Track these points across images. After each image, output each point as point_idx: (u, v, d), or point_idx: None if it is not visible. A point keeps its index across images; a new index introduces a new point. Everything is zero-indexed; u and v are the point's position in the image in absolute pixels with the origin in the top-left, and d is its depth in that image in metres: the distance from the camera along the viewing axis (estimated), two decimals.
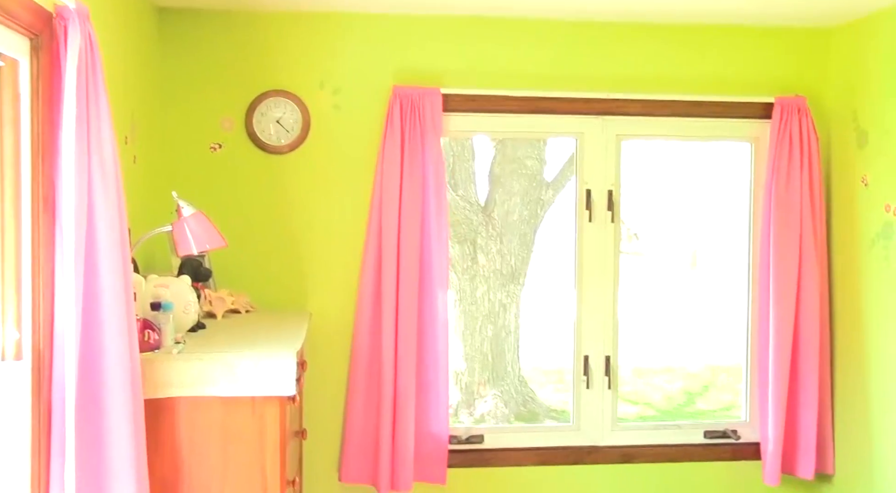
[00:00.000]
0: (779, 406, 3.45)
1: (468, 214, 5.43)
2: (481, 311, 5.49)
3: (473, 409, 5.40)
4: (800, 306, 3.48)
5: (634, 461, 3.58)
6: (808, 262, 3.47)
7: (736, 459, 3.63)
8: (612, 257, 3.60)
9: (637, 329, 6.39)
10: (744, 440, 3.66)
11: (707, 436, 3.67)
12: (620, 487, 3.57)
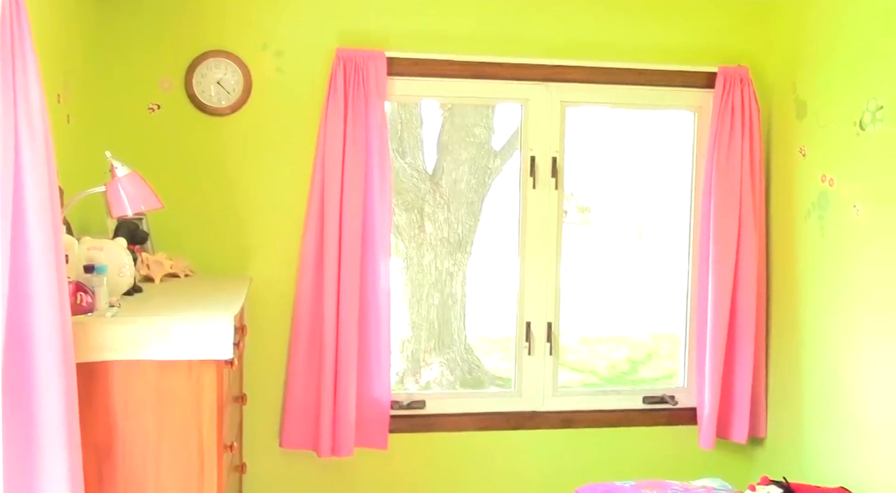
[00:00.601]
0: (715, 373, 3.52)
1: (416, 182, 5.41)
2: (428, 279, 5.49)
3: (419, 376, 5.42)
4: (738, 275, 3.55)
5: (574, 426, 3.64)
6: (746, 231, 3.54)
7: (673, 423, 3.71)
8: (556, 224, 3.63)
9: (584, 299, 6.45)
10: (681, 405, 3.75)
11: (646, 401, 3.74)
12: (560, 451, 3.63)
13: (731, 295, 3.54)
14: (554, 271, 3.64)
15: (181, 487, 2.31)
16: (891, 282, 2.93)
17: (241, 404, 3.17)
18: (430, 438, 3.54)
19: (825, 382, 3.28)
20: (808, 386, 3.38)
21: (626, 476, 3.29)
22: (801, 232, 3.44)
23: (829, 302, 3.27)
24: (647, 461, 3.64)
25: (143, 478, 2.29)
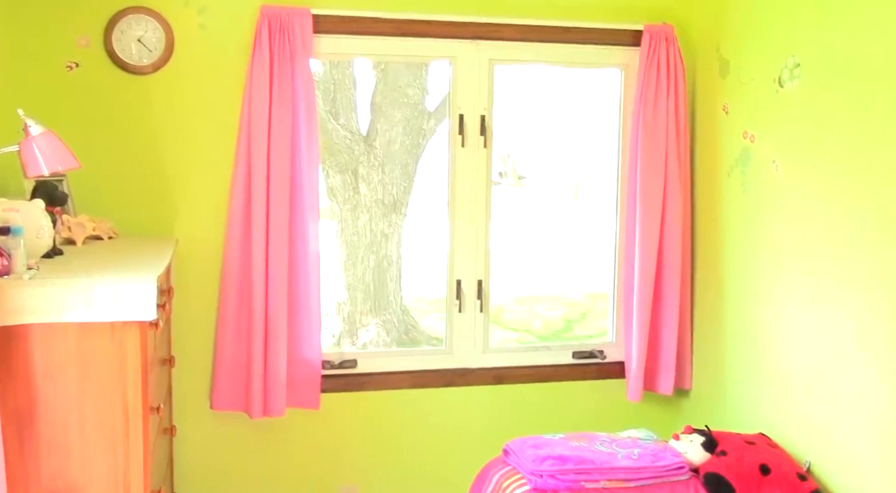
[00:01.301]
0: (642, 327, 3.60)
1: (349, 143, 5.37)
2: (363, 241, 5.48)
3: (356, 338, 5.43)
4: (664, 231, 3.62)
5: (505, 382, 3.70)
6: (672, 188, 3.60)
7: (602, 377, 3.80)
8: (485, 182, 3.65)
9: (520, 260, 6.50)
10: (609, 359, 3.83)
11: (575, 356, 3.82)
12: (492, 407, 3.69)
13: (657, 251, 3.61)
14: (483, 228, 3.67)
15: (106, 451, 2.29)
16: (806, 236, 3.02)
17: (169, 366, 3.15)
18: (363, 397, 3.57)
19: (746, 334, 3.38)
20: (731, 339, 3.48)
21: (557, 429, 3.35)
22: (725, 188, 3.51)
23: (750, 256, 3.36)
24: (576, 414, 3.72)
25: (66, 443, 2.26)
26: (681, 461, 3.00)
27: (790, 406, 3.12)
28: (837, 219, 2.87)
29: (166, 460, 3.07)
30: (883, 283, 2.68)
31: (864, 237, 2.75)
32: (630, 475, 2.94)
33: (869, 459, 2.74)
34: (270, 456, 3.50)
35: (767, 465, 2.87)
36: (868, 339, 2.74)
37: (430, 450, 3.63)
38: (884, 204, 2.66)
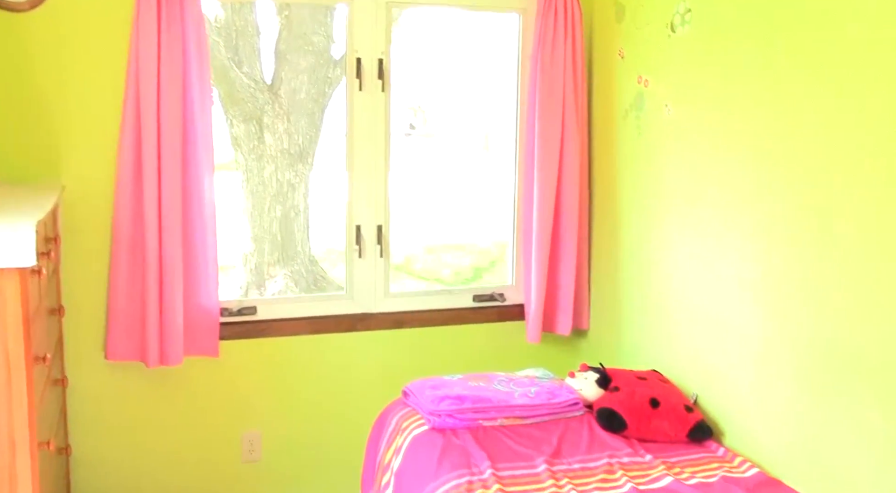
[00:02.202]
0: (541, 270, 3.64)
1: (253, 92, 5.23)
2: (269, 191, 5.38)
3: (264, 290, 5.36)
4: (561, 175, 3.64)
5: (406, 326, 3.70)
6: (569, 132, 3.62)
7: (502, 320, 3.83)
8: (383, 126, 3.61)
9: (430, 209, 6.48)
10: (509, 302, 3.87)
11: (475, 300, 3.84)
12: (392, 351, 3.69)
13: (554, 195, 3.63)
14: (382, 173, 3.64)
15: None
16: (695, 178, 3.08)
17: (58, 316, 3.05)
18: (263, 343, 3.53)
19: (640, 275, 3.45)
20: (626, 280, 3.55)
21: (457, 372, 3.37)
22: (620, 131, 3.55)
23: (643, 199, 3.41)
24: (477, 356, 3.76)
25: None
26: (575, 398, 3.06)
27: (680, 343, 3.20)
28: (723, 162, 2.93)
29: (57, 411, 2.99)
30: (762, 224, 2.75)
31: (746, 180, 2.82)
32: (526, 413, 2.99)
33: (748, 391, 2.84)
34: (169, 406, 3.44)
35: (657, 399, 2.95)
36: (749, 278, 2.82)
37: (332, 395, 3.63)
38: (765, 147, 2.72)
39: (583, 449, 2.81)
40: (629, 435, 2.91)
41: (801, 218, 2.59)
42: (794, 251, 2.62)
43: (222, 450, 3.52)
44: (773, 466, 2.73)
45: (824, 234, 2.50)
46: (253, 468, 3.57)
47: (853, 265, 2.40)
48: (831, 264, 2.48)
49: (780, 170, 2.66)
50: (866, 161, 2.34)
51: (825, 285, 2.50)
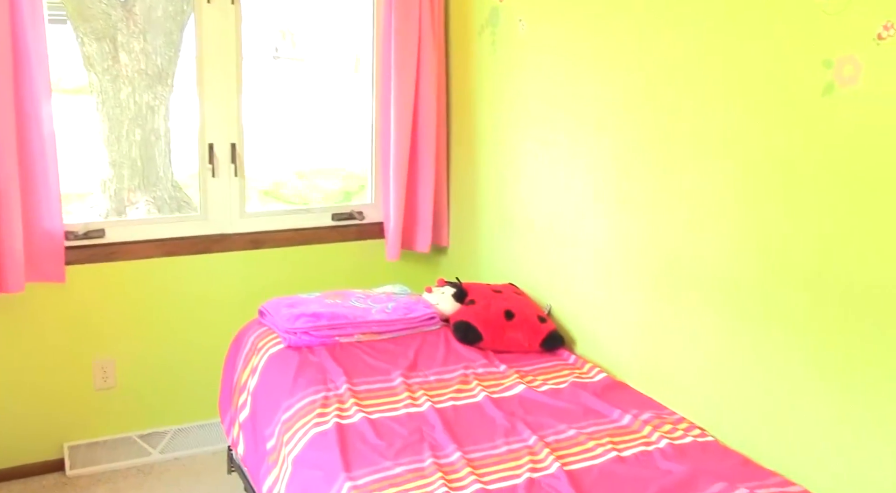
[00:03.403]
0: (399, 188, 3.57)
1: (105, 8, 4.87)
2: (127, 114, 5.06)
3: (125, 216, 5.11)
4: (419, 92, 3.54)
5: (264, 246, 3.58)
6: (426, 49, 3.51)
7: (361, 239, 3.76)
8: (234, 41, 3.43)
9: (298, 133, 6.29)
10: (368, 220, 3.79)
11: (335, 218, 3.75)
12: (250, 272, 3.57)
13: (412, 113, 3.54)
14: (235, 88, 3.46)
15: None
16: (549, 93, 3.04)
17: None
18: (113, 267, 3.34)
19: (497, 190, 3.42)
20: (484, 196, 3.52)
21: (317, 291, 3.29)
22: (476, 48, 3.47)
23: (499, 114, 3.36)
24: (336, 275, 3.68)
25: None
26: (432, 312, 3.03)
27: (535, 257, 3.21)
28: (575, 79, 2.91)
29: None
30: (610, 142, 2.75)
31: (598, 98, 2.80)
32: (383, 328, 2.94)
33: (597, 300, 2.88)
34: (15, 335, 3.23)
35: (511, 311, 2.95)
36: (598, 193, 2.83)
37: (187, 318, 3.48)
38: (618, 65, 2.70)
39: (439, 362, 2.80)
40: (485, 347, 2.90)
41: (647, 136, 2.59)
42: (639, 168, 2.64)
43: (73, 378, 3.34)
44: (620, 370, 2.79)
45: (666, 153, 2.52)
46: (107, 394, 3.41)
47: (689, 182, 2.42)
48: (670, 181, 2.50)
49: (632, 88, 2.65)
50: (709, 82, 2.34)
51: (666, 200, 2.53)
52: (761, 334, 2.24)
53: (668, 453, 2.25)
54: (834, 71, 1.98)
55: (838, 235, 1.99)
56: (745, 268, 2.27)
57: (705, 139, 2.37)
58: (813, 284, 2.07)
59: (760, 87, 2.17)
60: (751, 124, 2.21)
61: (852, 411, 2.00)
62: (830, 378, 2.05)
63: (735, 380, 2.34)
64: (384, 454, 2.23)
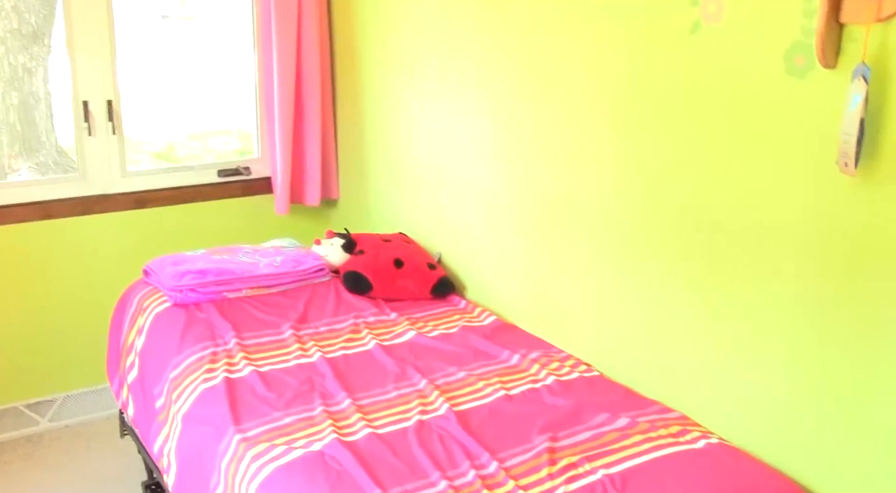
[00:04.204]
0: (285, 141, 3.47)
1: None
2: (2, 77, 4.79)
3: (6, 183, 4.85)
4: (301, 44, 3.44)
5: (148, 205, 3.44)
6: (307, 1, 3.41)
7: (249, 194, 3.65)
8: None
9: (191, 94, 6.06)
10: (255, 175, 3.68)
11: (221, 175, 3.63)
12: (133, 232, 3.43)
13: (295, 65, 3.44)
14: (108, 41, 3.29)
15: None
16: (431, 41, 2.99)
17: None
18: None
19: (384, 141, 3.37)
20: (372, 147, 3.46)
21: (204, 248, 3.18)
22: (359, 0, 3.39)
23: (383, 63, 3.30)
24: (225, 232, 3.56)
25: None
26: (321, 264, 2.98)
27: (425, 206, 3.18)
28: (457, 23, 2.87)
29: None
30: (489, 84, 2.73)
31: (478, 44, 2.77)
32: (272, 282, 2.88)
33: (485, 245, 2.88)
34: None
35: (401, 259, 2.92)
36: (482, 139, 2.81)
37: (71, 282, 3.33)
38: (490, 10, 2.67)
39: (329, 312, 2.75)
40: (375, 296, 2.87)
41: (524, 82, 2.58)
42: (518, 114, 2.63)
43: None
44: (510, 313, 2.80)
45: (543, 97, 2.51)
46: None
47: (567, 124, 2.42)
48: (549, 124, 2.50)
49: (507, 36, 2.63)
50: (582, 25, 2.34)
51: (545, 143, 2.54)
52: (641, 268, 2.27)
53: (555, 389, 2.28)
54: (699, 8, 1.99)
55: (708, 167, 2.03)
56: (624, 205, 2.29)
57: (581, 81, 2.37)
58: (686, 216, 2.10)
59: (632, 27, 2.18)
60: (624, 64, 2.22)
61: (721, 336, 2.05)
62: (702, 307, 2.10)
63: (618, 315, 2.37)
64: (274, 405, 2.18)
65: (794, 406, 1.90)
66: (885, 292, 1.68)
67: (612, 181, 2.32)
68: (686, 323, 2.15)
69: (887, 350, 1.69)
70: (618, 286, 2.36)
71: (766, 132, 1.87)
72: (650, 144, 2.18)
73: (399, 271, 2.89)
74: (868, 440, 1.75)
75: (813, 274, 1.81)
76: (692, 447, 1.99)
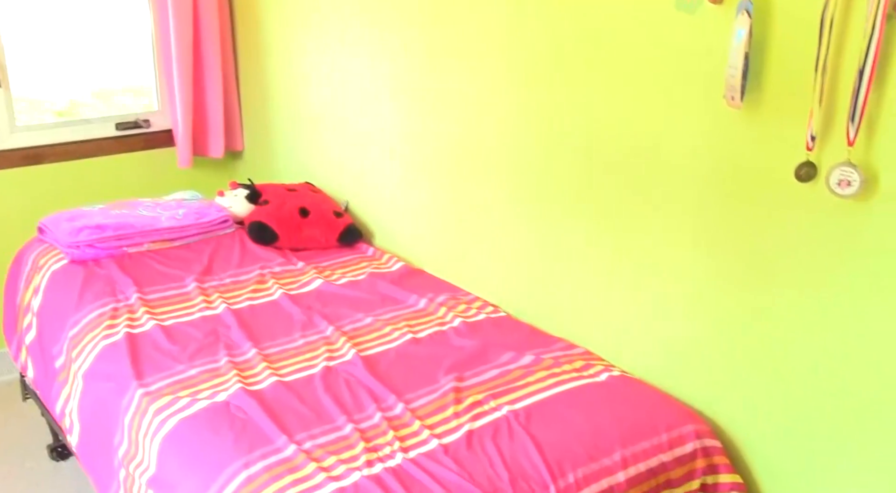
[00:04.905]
0: (185, 92, 3.35)
1: None
2: None
3: None
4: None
5: (43, 162, 3.29)
6: None
7: (150, 147, 3.52)
8: None
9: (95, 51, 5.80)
10: (156, 128, 3.55)
11: (119, 128, 3.49)
12: (28, 189, 3.27)
13: (191, 15, 3.30)
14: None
15: None
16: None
17: None
18: None
19: (289, 90, 3.28)
20: (277, 98, 3.37)
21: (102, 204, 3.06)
22: None
23: (285, 18, 3.19)
24: (124, 187, 3.44)
25: None
26: (225, 215, 2.90)
27: (331, 154, 3.12)
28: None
29: None
30: (393, 33, 2.67)
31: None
32: (174, 235, 2.80)
33: (393, 192, 2.84)
34: None
35: (306, 208, 2.87)
36: (387, 87, 2.76)
37: None
38: None
39: (234, 264, 2.69)
40: (281, 246, 2.82)
41: (426, 30, 2.53)
42: (422, 61, 2.59)
43: None
44: (418, 259, 2.78)
45: (443, 44, 2.48)
46: None
47: (466, 69, 2.39)
48: (449, 70, 2.46)
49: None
50: None
51: (447, 89, 2.50)
52: (543, 209, 2.27)
53: (462, 330, 2.28)
54: None
55: (604, 107, 2.03)
56: (524, 147, 2.28)
57: (476, 26, 2.33)
58: (584, 156, 2.11)
59: None
60: (516, 8, 2.19)
61: (622, 272, 2.08)
62: (603, 245, 2.12)
63: (523, 256, 2.38)
64: (177, 358, 2.13)
65: (692, 337, 1.94)
66: (771, 223, 1.72)
67: (511, 124, 2.30)
68: (588, 261, 2.17)
69: (776, 280, 1.73)
70: (521, 228, 2.36)
71: (658, 69, 1.88)
72: (546, 86, 2.16)
73: (305, 220, 2.84)
74: (759, 366, 1.80)
75: (708, 208, 1.84)
76: (595, 380, 2.02)
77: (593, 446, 1.78)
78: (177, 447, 1.82)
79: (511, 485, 1.65)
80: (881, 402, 1.59)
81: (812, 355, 1.70)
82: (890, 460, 1.60)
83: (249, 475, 1.67)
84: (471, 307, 2.43)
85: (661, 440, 1.84)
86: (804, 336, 1.70)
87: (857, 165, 1.53)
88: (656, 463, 1.81)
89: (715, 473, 1.87)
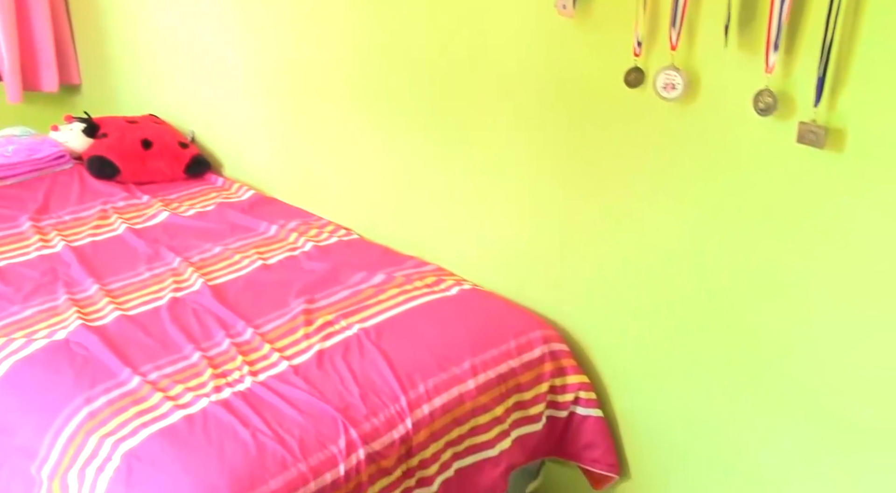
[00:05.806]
0: (8, 24, 3.08)
1: None
2: None
3: None
4: None
5: None
6: None
7: None
8: None
9: None
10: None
11: None
12: None
13: None
14: None
15: None
16: None
17: None
18: None
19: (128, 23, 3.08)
20: (114, 30, 3.16)
21: None
22: None
23: None
24: None
25: None
26: (61, 151, 2.72)
27: (175, 85, 2.97)
28: None
29: None
30: None
31: None
32: (5, 173, 2.62)
33: (240, 121, 2.74)
34: None
35: (149, 139, 2.73)
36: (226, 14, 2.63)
37: None
38: None
39: (74, 201, 2.54)
40: (125, 180, 2.67)
41: None
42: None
43: None
44: (269, 187, 2.70)
45: None
46: None
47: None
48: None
49: None
50: None
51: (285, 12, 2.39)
52: (387, 129, 2.23)
53: (313, 254, 2.23)
54: None
55: (438, 21, 1.99)
56: (363, 67, 2.22)
57: None
58: (423, 73, 2.07)
59: None
60: None
61: (468, 188, 2.07)
62: (447, 162, 2.10)
63: (371, 177, 2.34)
64: (12, 299, 2.00)
65: (536, 244, 1.96)
66: (606, 129, 1.73)
67: (349, 44, 2.24)
68: (434, 179, 2.15)
69: (613, 185, 1.76)
70: (367, 149, 2.31)
71: None
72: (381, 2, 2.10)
73: (148, 153, 2.69)
74: (597, 269, 1.84)
75: (546, 118, 1.84)
76: (446, 294, 2.02)
77: (444, 357, 1.79)
78: (13, 390, 1.71)
79: (362, 400, 1.64)
80: (705, 298, 1.66)
81: (646, 259, 1.74)
82: (720, 353, 1.67)
83: (91, 411, 1.59)
84: (322, 231, 2.38)
85: (510, 347, 1.86)
86: (639, 239, 1.74)
87: (680, 68, 1.56)
88: (506, 369, 1.83)
89: (563, 375, 1.91)
